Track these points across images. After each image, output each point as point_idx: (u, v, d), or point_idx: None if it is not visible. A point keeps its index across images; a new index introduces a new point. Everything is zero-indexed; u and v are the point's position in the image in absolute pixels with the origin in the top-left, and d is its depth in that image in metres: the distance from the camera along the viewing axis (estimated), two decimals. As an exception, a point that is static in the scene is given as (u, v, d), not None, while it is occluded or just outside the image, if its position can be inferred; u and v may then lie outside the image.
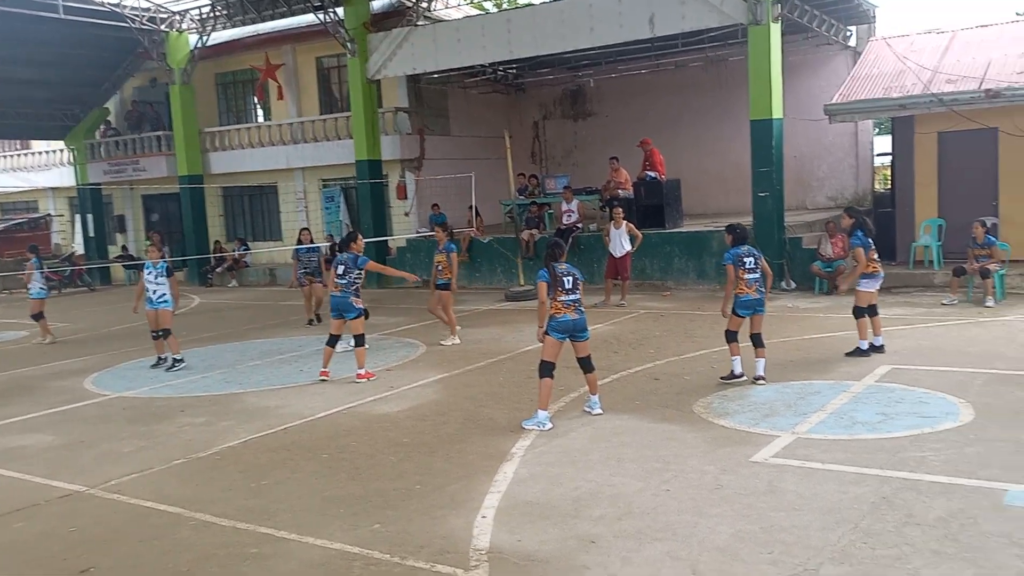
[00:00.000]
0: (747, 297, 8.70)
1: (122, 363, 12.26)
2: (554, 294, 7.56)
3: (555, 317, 7.58)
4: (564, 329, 7.59)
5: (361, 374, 9.82)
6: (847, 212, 10.05)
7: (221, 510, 5.98)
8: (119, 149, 25.39)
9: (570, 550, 4.96)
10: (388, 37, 19.23)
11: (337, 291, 9.92)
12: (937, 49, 15.91)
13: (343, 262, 9.97)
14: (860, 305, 9.66)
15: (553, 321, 7.59)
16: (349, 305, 9.90)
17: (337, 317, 10.00)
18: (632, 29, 16.26)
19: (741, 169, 17.71)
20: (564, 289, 7.58)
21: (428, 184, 20.98)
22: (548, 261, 7.70)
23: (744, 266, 8.68)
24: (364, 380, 9.74)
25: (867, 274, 9.71)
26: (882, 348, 9.68)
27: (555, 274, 7.61)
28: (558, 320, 7.58)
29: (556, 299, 7.57)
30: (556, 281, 7.58)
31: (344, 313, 9.94)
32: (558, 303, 7.58)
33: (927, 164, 15.28)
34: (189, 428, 8.33)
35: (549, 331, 7.60)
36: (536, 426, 7.45)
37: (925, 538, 4.79)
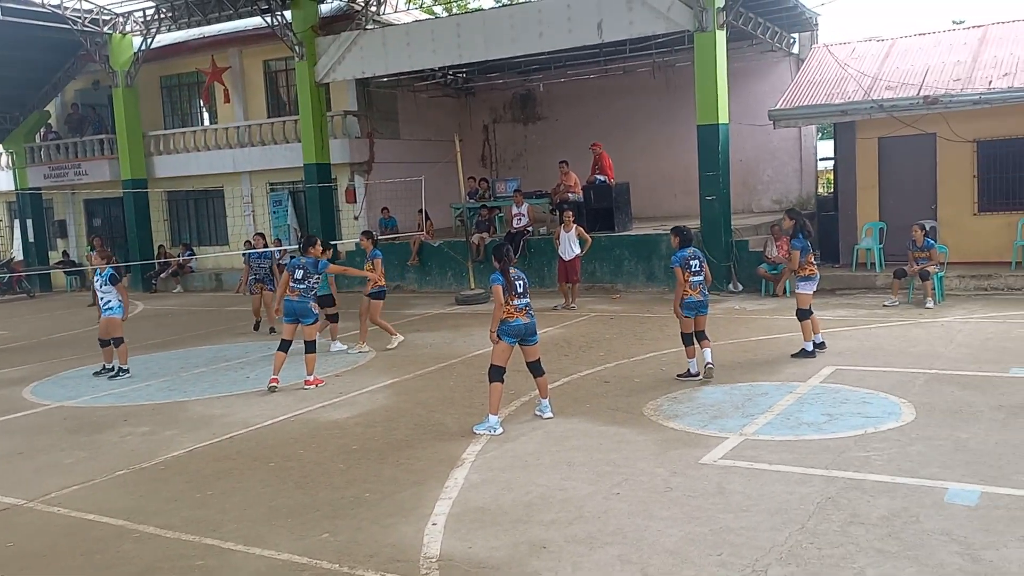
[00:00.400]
0: (691, 299, 8.90)
1: (62, 371, 11.94)
2: (507, 298, 7.51)
3: (507, 321, 7.54)
4: (516, 333, 7.57)
5: (309, 380, 9.69)
6: (788, 214, 10.27)
7: (165, 522, 5.84)
8: (60, 153, 24.73)
9: (521, 556, 4.94)
10: (337, 40, 19.06)
11: (294, 296, 9.68)
12: (877, 56, 16.30)
13: (302, 266, 9.73)
14: (803, 307, 9.84)
15: (505, 325, 7.54)
16: (308, 310, 9.71)
17: (292, 322, 9.74)
18: (581, 34, 16.37)
19: (689, 172, 17.93)
20: (517, 293, 7.55)
21: (378, 188, 20.84)
22: (502, 264, 7.64)
23: (690, 268, 8.88)
24: (312, 387, 9.61)
25: (805, 276, 9.93)
26: (823, 345, 9.93)
27: (509, 278, 7.57)
28: (510, 324, 7.54)
29: (509, 303, 7.52)
30: (510, 285, 7.55)
31: (301, 319, 9.71)
32: (511, 307, 7.54)
33: (868, 168, 15.64)
34: (132, 438, 8.14)
35: (501, 335, 7.55)
36: (487, 431, 7.41)
37: (869, 537, 4.88)
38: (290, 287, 9.70)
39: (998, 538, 4.75)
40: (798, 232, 9.92)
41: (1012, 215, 14.58)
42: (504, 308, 7.51)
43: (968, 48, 15.45)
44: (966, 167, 14.88)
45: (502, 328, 7.55)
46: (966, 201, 14.96)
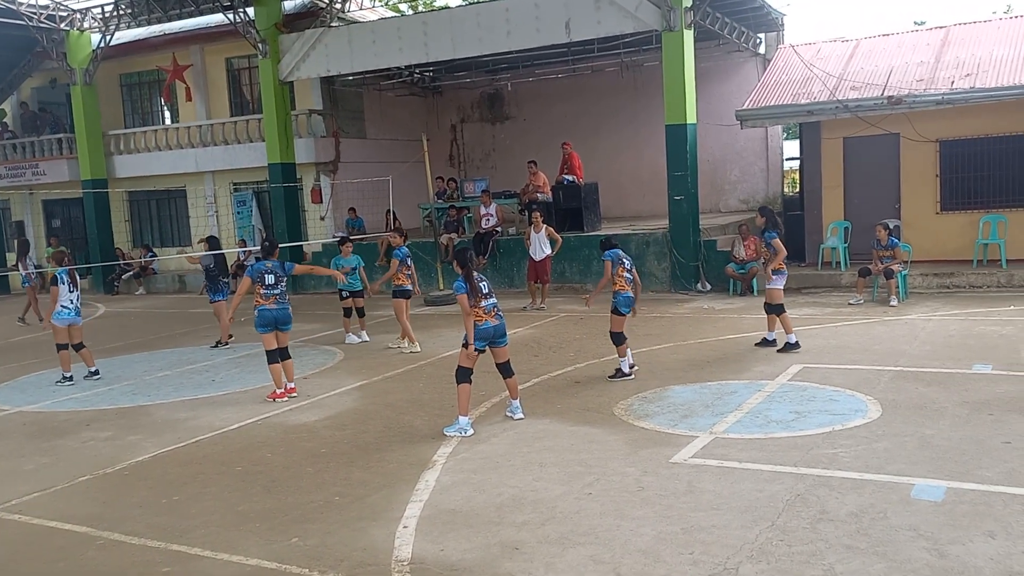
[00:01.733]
0: (627, 294, 9.16)
1: (22, 376, 11.69)
2: (475, 301, 7.43)
3: (477, 325, 7.45)
4: (486, 336, 7.50)
5: (292, 387, 9.30)
6: (760, 212, 10.38)
7: (130, 528, 5.73)
8: (17, 152, 24.22)
9: (494, 557, 4.91)
10: (301, 38, 18.88)
11: (271, 303, 8.98)
12: (842, 57, 16.49)
13: (272, 271, 9.06)
14: (777, 302, 10.00)
15: (476, 329, 7.45)
16: (289, 316, 9.18)
17: (272, 331, 9.05)
18: (549, 33, 16.37)
19: (657, 172, 18.01)
20: (483, 294, 7.48)
21: (344, 188, 20.68)
22: (465, 269, 7.49)
23: (623, 264, 9.15)
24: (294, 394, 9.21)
25: (777, 271, 10.09)
26: (775, 343, 10.13)
27: (473, 282, 7.47)
28: (480, 328, 7.46)
29: (478, 305, 7.44)
30: (475, 289, 7.45)
31: (283, 326, 9.11)
32: (479, 309, 7.46)
33: (833, 168, 15.82)
34: (95, 443, 7.98)
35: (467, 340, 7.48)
36: (458, 432, 7.36)
37: (838, 533, 4.92)
38: (262, 294, 9.00)
39: (964, 533, 4.81)
40: (770, 227, 10.08)
41: (974, 214, 14.83)
42: (473, 312, 7.42)
43: (931, 49, 15.69)
44: (929, 167, 15.11)
45: (477, 331, 7.45)
46: (929, 200, 15.19)
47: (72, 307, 10.85)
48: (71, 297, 10.84)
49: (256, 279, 9.01)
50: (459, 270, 7.57)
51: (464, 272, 7.49)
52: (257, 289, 9.01)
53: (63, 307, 10.77)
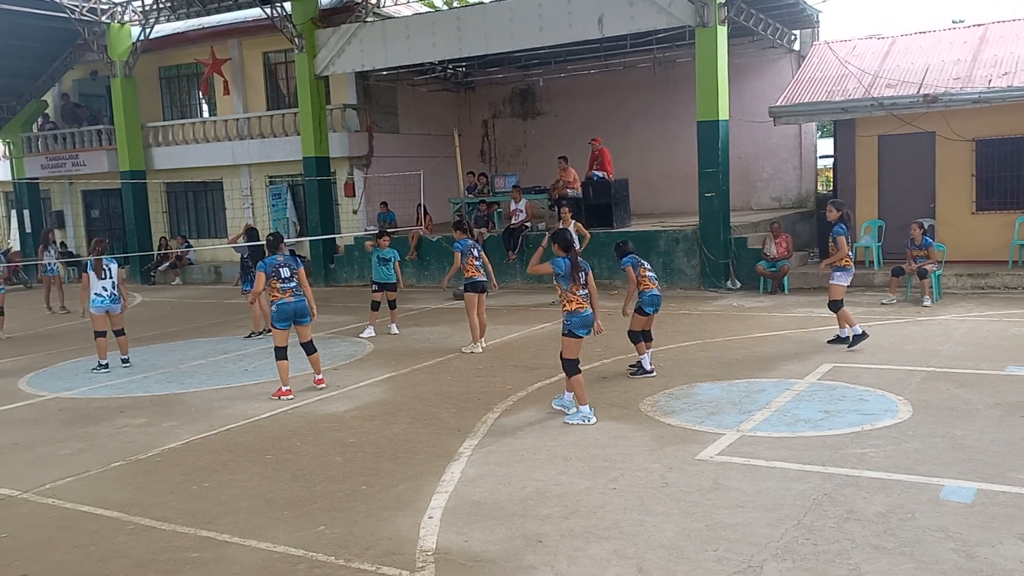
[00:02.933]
0: (652, 292, 8.98)
1: (59, 363, 11.92)
2: (572, 288, 7.08)
3: (578, 313, 7.13)
4: (587, 324, 7.25)
5: (320, 379, 9.24)
6: (833, 205, 10.17)
7: (161, 514, 5.83)
8: (58, 143, 24.70)
9: (517, 550, 4.94)
10: (336, 33, 19.02)
11: (289, 296, 8.81)
12: (878, 54, 16.29)
13: (285, 264, 8.89)
14: (838, 299, 9.89)
15: (576, 317, 7.15)
16: (306, 309, 8.97)
17: (288, 327, 8.91)
18: (581, 29, 16.34)
19: (688, 169, 17.92)
20: (581, 283, 7.19)
21: (376, 182, 20.82)
22: (570, 252, 7.15)
23: (644, 265, 9.05)
24: (323, 386, 9.17)
25: (841, 267, 9.92)
26: (848, 340, 9.93)
27: (577, 265, 7.09)
28: (581, 316, 7.14)
29: (575, 293, 7.10)
30: (576, 273, 7.09)
31: (301, 319, 8.94)
32: (578, 297, 7.12)
33: (868, 166, 15.64)
34: (128, 430, 8.12)
35: (574, 329, 7.24)
36: (581, 420, 7.29)
37: (865, 533, 4.88)
38: (278, 288, 8.80)
39: (994, 535, 4.76)
40: (840, 222, 9.91)
41: (1010, 214, 14.59)
42: (572, 298, 7.21)
43: (968, 47, 15.44)
44: (965, 166, 14.89)
45: (573, 321, 7.22)
46: (964, 200, 14.98)
47: (106, 295, 10.95)
48: (103, 284, 10.95)
49: (271, 274, 8.81)
50: (561, 252, 7.27)
51: (570, 254, 7.17)
52: (273, 283, 8.80)
53: (96, 295, 10.93)
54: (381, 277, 12.60)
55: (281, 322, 8.86)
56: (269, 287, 8.87)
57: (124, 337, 11.31)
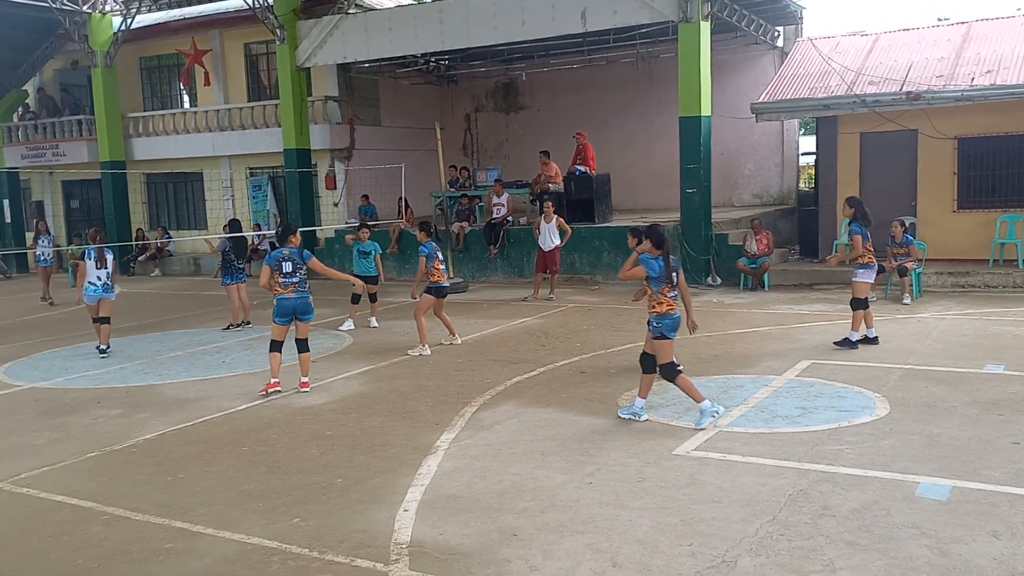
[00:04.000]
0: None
1: (36, 353, 11.80)
2: (662, 289, 6.74)
3: (669, 315, 6.81)
4: (678, 327, 6.93)
5: (306, 382, 8.87)
6: (848, 203, 10.00)
7: (135, 505, 5.79)
8: (38, 133, 24.42)
9: (492, 543, 4.93)
10: (318, 24, 18.90)
11: (290, 292, 8.58)
12: (861, 51, 16.35)
13: (289, 258, 8.65)
14: (859, 296, 9.75)
15: (668, 320, 6.83)
16: (309, 305, 8.78)
17: (288, 322, 8.69)
18: (564, 23, 16.30)
19: (670, 165, 17.92)
20: (673, 285, 6.87)
21: (358, 174, 20.72)
22: (663, 248, 6.79)
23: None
24: (307, 389, 8.80)
25: (864, 264, 9.81)
26: (876, 340, 9.78)
27: (670, 265, 6.75)
28: (672, 318, 6.84)
29: (665, 295, 6.76)
30: (668, 274, 6.74)
31: (302, 316, 8.73)
32: (669, 299, 6.79)
33: (850, 164, 15.70)
34: (104, 420, 8.05)
35: (666, 332, 6.86)
36: (632, 415, 7.09)
37: (840, 529, 4.90)
38: (280, 283, 8.60)
39: (968, 532, 4.79)
40: (856, 219, 9.76)
41: (991, 212, 14.70)
42: (662, 299, 6.81)
43: (951, 45, 15.53)
44: (947, 164, 14.98)
45: (664, 323, 6.85)
46: (946, 198, 15.07)
47: (100, 284, 11.29)
48: (99, 274, 11.25)
49: (274, 267, 8.59)
50: (655, 251, 6.88)
51: (662, 252, 6.81)
52: (275, 277, 8.59)
53: (90, 283, 11.24)
54: (361, 270, 12.55)
55: (280, 317, 8.64)
56: (273, 280, 8.61)
57: (108, 326, 11.40)
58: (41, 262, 17.85)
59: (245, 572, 4.72)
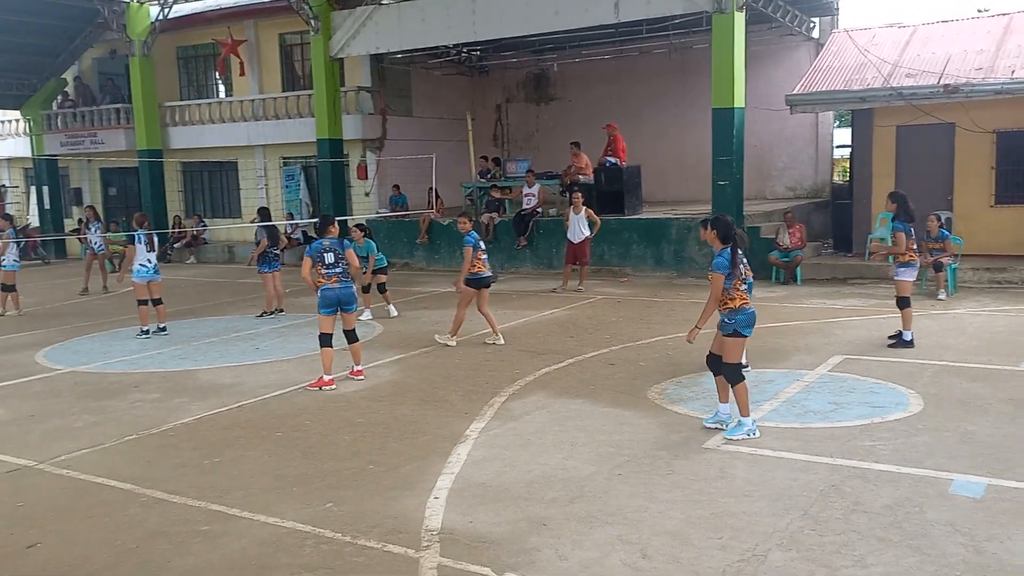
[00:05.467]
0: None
1: (75, 337, 12.03)
2: (733, 282, 6.33)
3: (743, 310, 6.39)
4: (753, 323, 6.53)
5: (360, 370, 8.89)
6: (891, 198, 9.77)
7: (172, 487, 5.91)
8: (77, 121, 24.82)
9: (521, 532, 4.97)
10: (352, 15, 18.98)
11: (334, 283, 8.58)
12: (898, 43, 16.12)
13: (331, 249, 8.62)
14: (905, 295, 9.55)
15: (742, 315, 6.39)
16: (353, 295, 8.78)
17: (333, 313, 8.66)
18: (597, 14, 16.23)
19: (702, 157, 17.84)
20: (743, 279, 6.45)
21: (389, 165, 20.83)
22: (732, 242, 6.38)
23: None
24: (361, 377, 8.79)
25: (905, 263, 9.59)
26: (912, 343, 9.48)
27: (737, 259, 6.36)
28: (747, 314, 6.41)
29: (737, 288, 6.36)
30: (736, 268, 6.36)
31: (347, 306, 8.72)
32: (741, 292, 6.40)
33: (885, 157, 15.51)
34: (142, 404, 8.21)
35: (740, 329, 6.42)
36: (747, 435, 6.42)
37: (871, 525, 4.88)
38: (323, 274, 8.57)
39: (1002, 530, 4.75)
40: (899, 215, 9.52)
41: (1029, 208, 14.45)
42: (735, 294, 6.40)
43: (991, 36, 15.25)
44: (984, 158, 14.74)
45: (739, 320, 6.40)
46: (983, 193, 14.83)
47: (151, 266, 11.81)
48: (149, 256, 11.76)
49: (316, 259, 8.57)
50: (719, 244, 6.46)
51: (731, 246, 6.39)
52: (318, 269, 8.56)
53: (141, 265, 11.73)
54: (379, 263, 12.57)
55: (326, 308, 8.63)
56: (315, 271, 8.59)
57: (163, 306, 12.00)
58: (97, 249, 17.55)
59: (280, 555, 4.81)
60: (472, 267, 10.25)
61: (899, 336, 9.56)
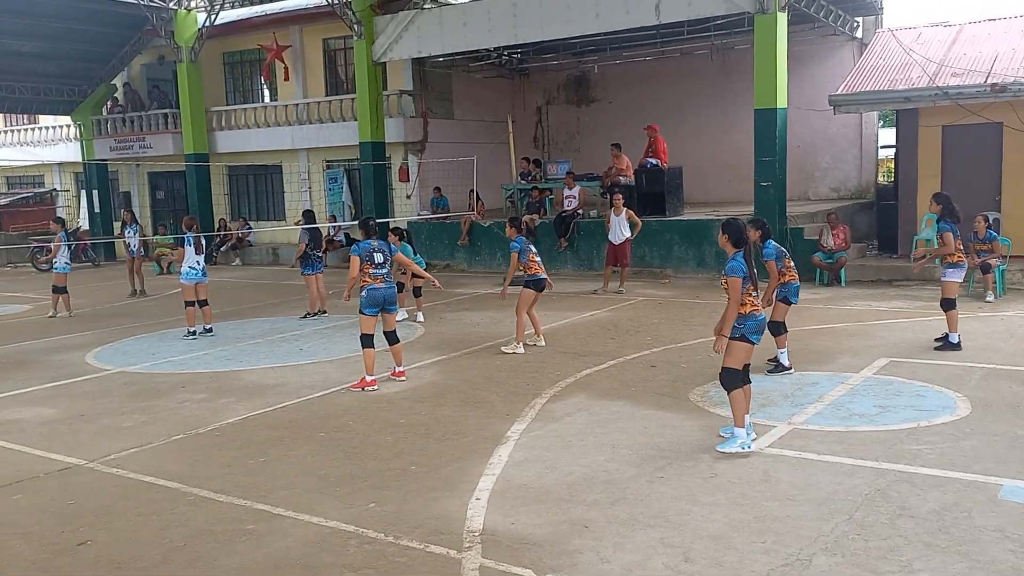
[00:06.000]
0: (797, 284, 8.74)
1: (124, 339, 12.29)
2: (747, 289, 6.24)
3: (753, 316, 6.26)
4: (763, 329, 6.42)
5: (402, 371, 8.94)
6: (936, 199, 9.59)
7: (219, 486, 6.01)
8: (125, 126, 25.37)
9: (563, 534, 4.98)
10: (394, 20, 19.16)
11: (379, 283, 8.58)
12: (944, 42, 15.85)
13: (380, 249, 8.67)
14: (950, 296, 9.37)
15: (752, 321, 6.26)
16: (395, 296, 8.83)
17: (376, 313, 8.65)
18: (638, 15, 16.19)
19: (744, 157, 17.69)
20: (756, 284, 6.36)
21: (430, 167, 20.98)
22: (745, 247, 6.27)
23: (786, 255, 8.60)
24: (403, 378, 8.85)
25: (953, 264, 9.42)
26: (959, 346, 9.28)
27: (751, 264, 6.24)
28: (756, 320, 6.29)
29: (750, 293, 6.28)
30: (752, 274, 6.23)
31: (390, 307, 8.74)
32: (752, 298, 6.30)
33: (931, 157, 15.25)
34: (189, 404, 8.36)
35: (748, 334, 6.30)
36: (739, 447, 6.20)
37: (918, 530, 4.81)
38: (370, 273, 8.58)
39: (1053, 537, 4.66)
40: (945, 216, 9.36)
41: (1081, 208, 14.10)
42: (747, 300, 6.26)
43: (1041, 34, 14.93)
44: (1034, 158, 14.42)
45: (746, 326, 6.28)
46: (1032, 193, 14.51)
47: (199, 268, 11.99)
48: (197, 259, 11.97)
49: (365, 258, 8.58)
50: (731, 248, 6.37)
51: (744, 251, 6.28)
52: (366, 268, 8.56)
53: (190, 268, 11.94)
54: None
55: (370, 308, 8.59)
56: (362, 271, 8.58)
57: (208, 307, 12.15)
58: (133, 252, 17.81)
59: (324, 555, 4.87)
60: (529, 269, 10.15)
61: (945, 339, 9.39)
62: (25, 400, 8.85)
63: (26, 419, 8.08)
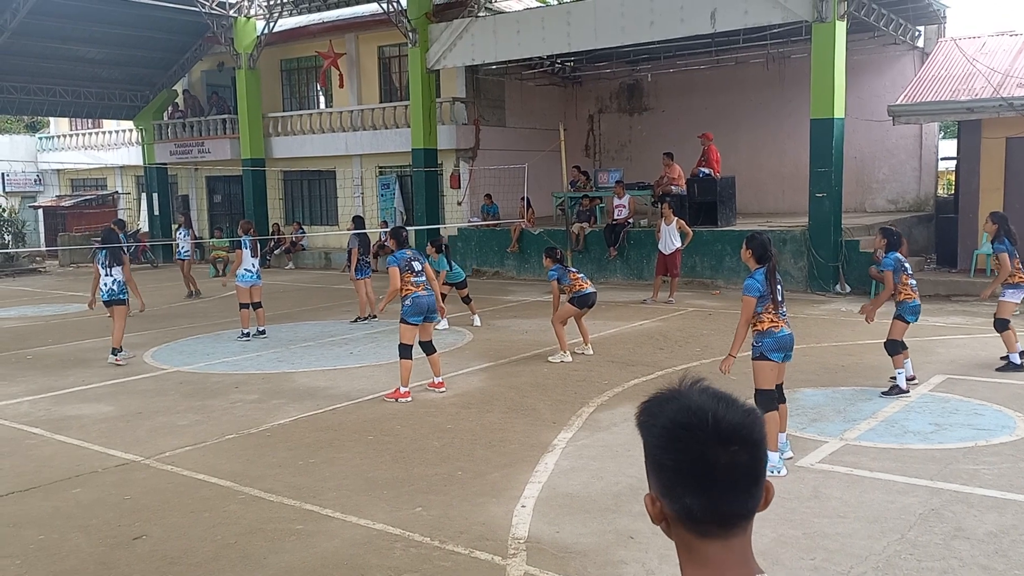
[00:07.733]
0: (915, 303, 8.31)
1: (181, 338, 12.58)
2: (765, 305, 6.07)
3: (771, 333, 6.07)
4: (785, 347, 6.17)
5: (441, 382, 8.82)
6: (992, 218, 9.36)
7: (269, 486, 6.11)
8: (185, 131, 26.01)
9: (608, 544, 4.97)
10: (449, 28, 19.32)
11: (422, 290, 8.50)
12: (1009, 52, 15.45)
13: (416, 258, 8.69)
14: (1004, 317, 9.10)
15: (769, 338, 6.07)
16: (435, 305, 8.73)
17: (421, 322, 8.54)
18: (693, 24, 16.08)
19: (799, 168, 17.45)
20: (778, 301, 6.17)
21: (482, 174, 21.08)
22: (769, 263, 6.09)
23: (905, 271, 8.27)
24: (443, 389, 8.75)
25: (1012, 284, 9.14)
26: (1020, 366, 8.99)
27: (773, 281, 6.07)
28: (776, 337, 6.07)
29: (768, 311, 6.09)
30: (773, 288, 6.07)
31: (432, 315, 8.65)
32: (771, 315, 6.10)
33: (993, 170, 14.87)
34: (242, 405, 8.52)
35: (767, 352, 6.10)
36: (770, 472, 5.74)
37: (974, 552, 4.70)
38: (412, 282, 8.49)
39: (1115, 564, 4.51)
40: (1001, 236, 9.11)
41: None
42: (767, 317, 6.11)
43: (1112, 44, 14.48)
44: (1103, 171, 13.98)
45: (765, 343, 6.09)
46: (1101, 208, 14.06)
47: (254, 271, 12.21)
48: (253, 262, 12.23)
49: (404, 268, 8.52)
50: (755, 264, 6.13)
51: (767, 267, 6.09)
52: (407, 277, 8.49)
53: (246, 270, 12.17)
54: (449, 279, 12.61)
55: (415, 316, 8.45)
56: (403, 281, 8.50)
57: (261, 310, 12.40)
58: (181, 255, 18.19)
59: (370, 556, 4.93)
60: (574, 287, 10.12)
61: (1008, 360, 9.14)
62: (86, 397, 9.10)
63: (86, 415, 8.31)
